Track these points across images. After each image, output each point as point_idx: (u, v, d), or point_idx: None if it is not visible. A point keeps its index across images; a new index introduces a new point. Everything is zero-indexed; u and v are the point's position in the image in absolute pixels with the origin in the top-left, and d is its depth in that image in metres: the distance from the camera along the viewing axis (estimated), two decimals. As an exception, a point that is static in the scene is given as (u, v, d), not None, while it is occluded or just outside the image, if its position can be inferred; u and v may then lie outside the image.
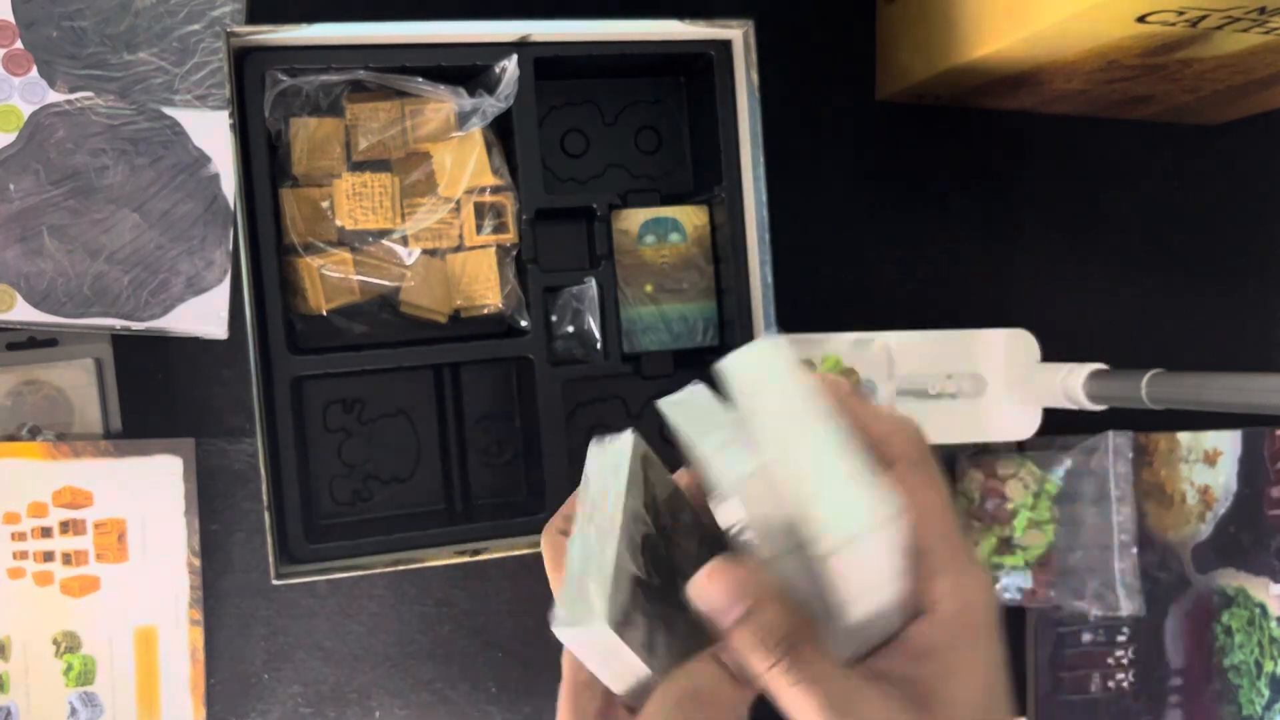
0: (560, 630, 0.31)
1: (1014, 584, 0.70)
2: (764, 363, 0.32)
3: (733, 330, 0.62)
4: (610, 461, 0.36)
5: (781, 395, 0.32)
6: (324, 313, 0.59)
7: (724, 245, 0.62)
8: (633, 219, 0.63)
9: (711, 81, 0.61)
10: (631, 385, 0.65)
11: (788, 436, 0.31)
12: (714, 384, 0.34)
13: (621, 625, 0.31)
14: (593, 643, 0.31)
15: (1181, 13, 0.52)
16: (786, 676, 0.31)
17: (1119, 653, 0.74)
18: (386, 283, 0.59)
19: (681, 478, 0.37)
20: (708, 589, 0.31)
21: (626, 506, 0.33)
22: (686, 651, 0.33)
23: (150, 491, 0.61)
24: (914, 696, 0.31)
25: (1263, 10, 0.52)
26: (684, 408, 0.34)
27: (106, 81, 0.59)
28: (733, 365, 0.32)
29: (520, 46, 0.58)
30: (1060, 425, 0.70)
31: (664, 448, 0.38)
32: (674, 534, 0.35)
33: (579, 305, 0.62)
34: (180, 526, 0.61)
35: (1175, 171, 0.77)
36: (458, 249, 0.60)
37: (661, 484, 0.36)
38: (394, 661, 0.65)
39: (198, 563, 0.62)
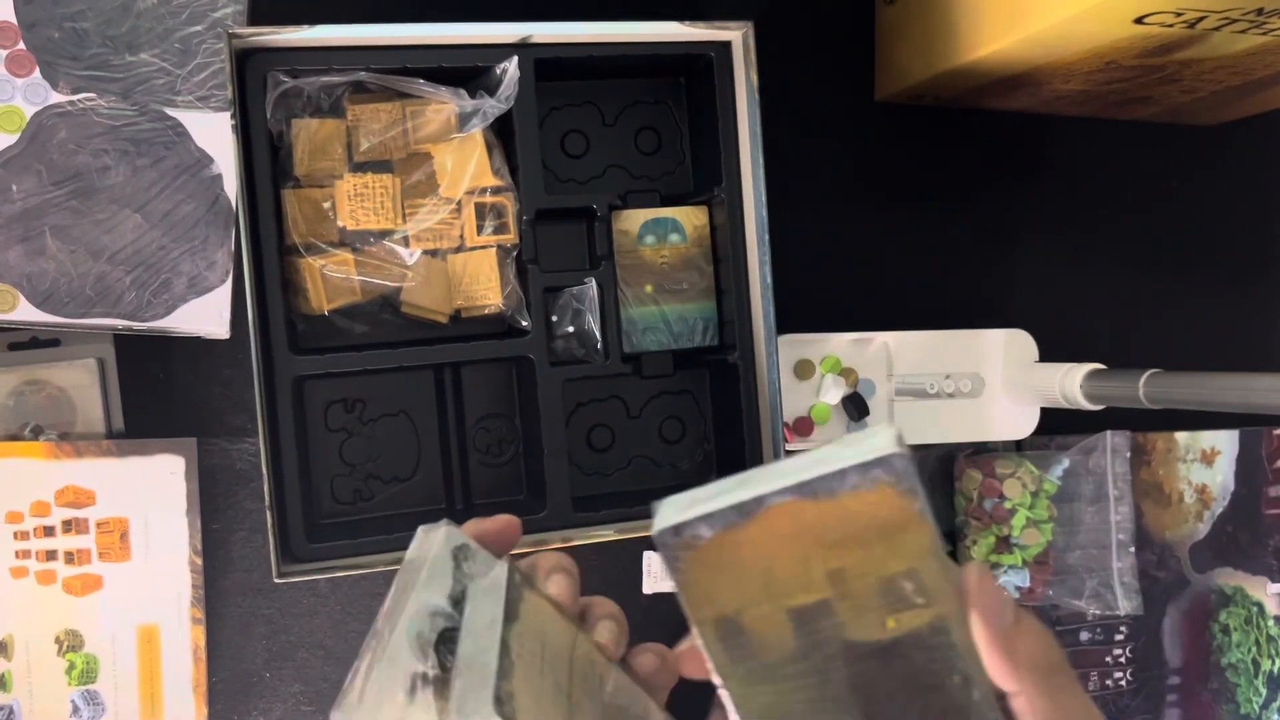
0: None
1: (1012, 583, 0.70)
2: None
3: (732, 330, 0.62)
4: (416, 557, 0.35)
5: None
6: (325, 313, 0.59)
7: (724, 245, 0.62)
8: (633, 219, 0.63)
9: (711, 82, 0.61)
10: (631, 385, 0.66)
11: None
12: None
13: None
14: None
15: (1179, 14, 0.52)
16: (1061, 678, 0.33)
17: (1117, 651, 0.74)
18: (388, 283, 0.59)
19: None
20: (979, 583, 0.32)
21: (417, 604, 0.33)
22: None
23: (152, 491, 0.61)
24: None
25: (1260, 11, 0.52)
26: None
27: (108, 82, 0.59)
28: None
29: (521, 48, 0.58)
30: (1058, 425, 0.70)
31: (665, 447, 0.38)
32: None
33: (579, 305, 0.62)
34: (182, 525, 0.62)
35: (1173, 172, 0.77)
36: (458, 249, 0.60)
37: (482, 575, 0.35)
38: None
39: (200, 562, 0.62)
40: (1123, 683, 0.74)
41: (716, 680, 0.33)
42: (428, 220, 0.59)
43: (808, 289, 0.68)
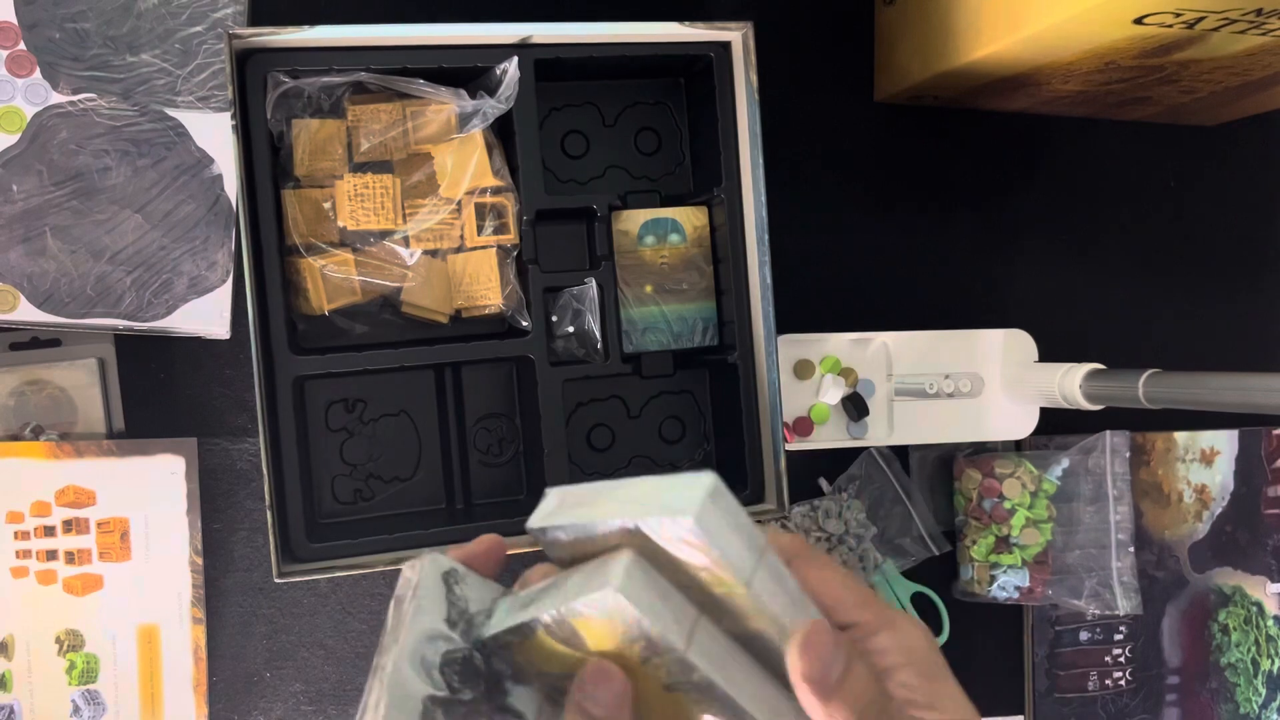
0: None
1: (1011, 583, 0.70)
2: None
3: (732, 330, 0.62)
4: (406, 587, 0.36)
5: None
6: (326, 313, 0.59)
7: (724, 245, 0.62)
8: (633, 220, 0.63)
9: (711, 83, 0.61)
10: (631, 385, 0.66)
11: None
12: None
13: None
14: None
15: (1179, 14, 0.52)
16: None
17: (1116, 651, 0.74)
18: (388, 283, 0.59)
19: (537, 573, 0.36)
20: (807, 654, 0.31)
21: (414, 630, 0.33)
22: None
23: (153, 491, 0.61)
24: None
25: (1260, 12, 0.52)
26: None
27: (109, 83, 0.59)
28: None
29: (521, 48, 0.58)
30: (1058, 425, 0.71)
31: (664, 448, 0.39)
32: (508, 639, 0.34)
33: (579, 305, 0.62)
34: (183, 525, 0.62)
35: (1173, 172, 0.77)
36: (459, 249, 0.60)
37: (477, 597, 0.35)
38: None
39: (200, 561, 0.62)
40: (1122, 682, 0.74)
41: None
42: (428, 220, 0.59)
43: (808, 289, 0.68)
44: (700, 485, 0.30)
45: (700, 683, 0.31)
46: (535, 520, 0.35)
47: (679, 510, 0.29)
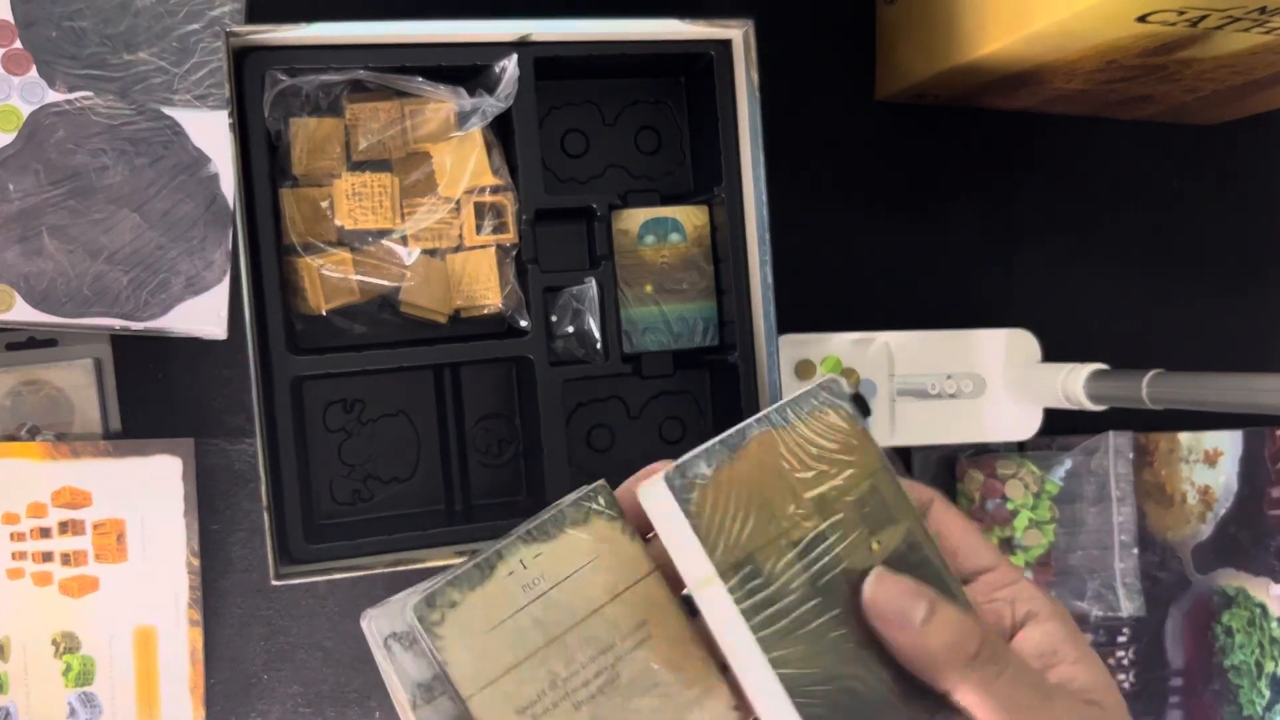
0: None
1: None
2: None
3: (732, 330, 0.62)
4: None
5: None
6: (324, 313, 0.59)
7: (724, 245, 0.62)
8: (633, 219, 0.63)
9: (711, 81, 0.61)
10: (631, 385, 0.65)
11: None
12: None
13: None
14: None
15: (1182, 13, 0.52)
16: (988, 669, 0.31)
17: (1119, 653, 0.74)
18: (386, 283, 0.59)
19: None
20: (881, 593, 0.32)
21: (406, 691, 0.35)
22: None
23: (150, 491, 0.61)
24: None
25: (1263, 10, 0.52)
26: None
27: (106, 81, 0.59)
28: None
29: (520, 46, 0.58)
30: (1060, 425, 0.70)
31: (664, 448, 0.39)
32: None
33: (579, 305, 0.62)
34: (180, 527, 0.61)
35: (1175, 171, 0.77)
36: (458, 249, 0.60)
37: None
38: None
39: (197, 563, 0.62)
40: (1125, 684, 0.74)
41: (731, 648, 0.34)
42: (426, 220, 0.59)
43: (808, 289, 0.68)
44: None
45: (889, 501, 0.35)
46: (675, 463, 0.35)
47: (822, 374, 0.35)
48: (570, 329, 0.62)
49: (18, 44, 0.58)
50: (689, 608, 0.36)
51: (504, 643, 0.34)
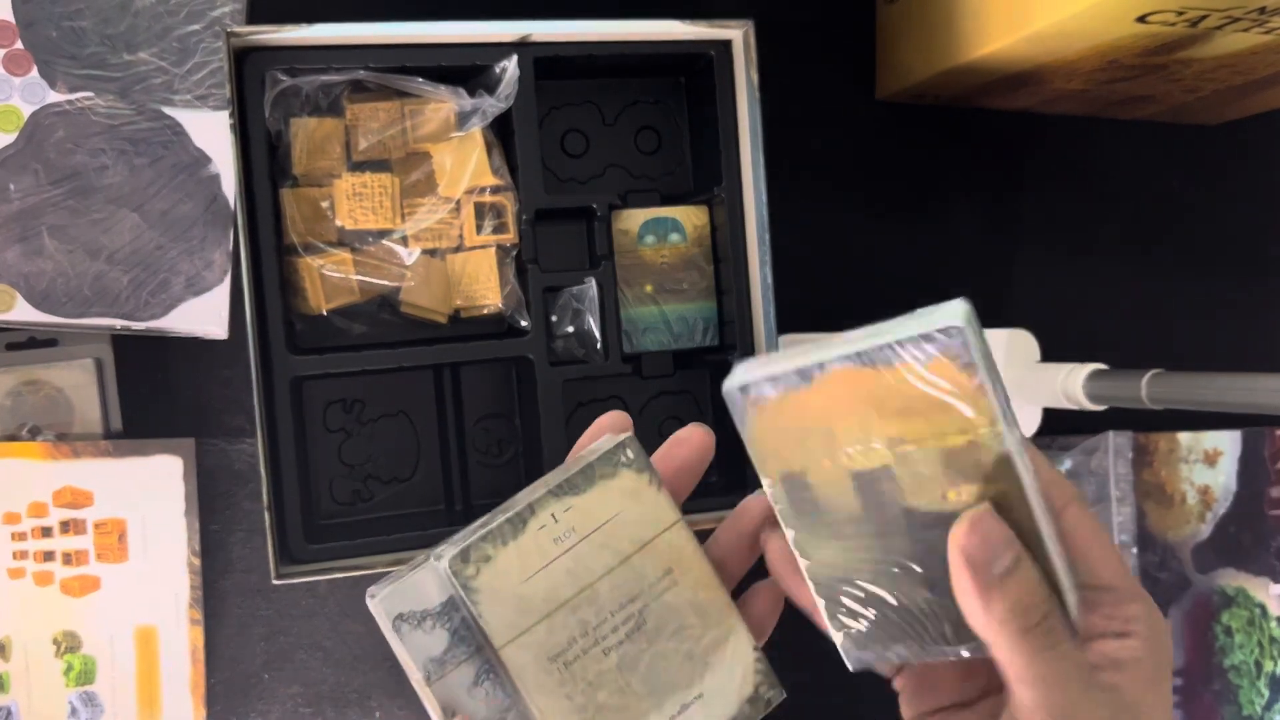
0: None
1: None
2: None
3: (733, 330, 0.62)
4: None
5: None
6: (324, 313, 0.59)
7: (724, 245, 0.62)
8: (633, 219, 0.63)
9: (711, 81, 0.61)
10: (631, 385, 0.65)
11: None
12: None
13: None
14: None
15: (1181, 13, 0.52)
16: (1040, 639, 0.31)
17: (1119, 653, 0.74)
18: (386, 283, 0.59)
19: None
20: (977, 533, 0.31)
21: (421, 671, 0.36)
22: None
23: (150, 491, 0.61)
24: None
25: (1263, 10, 0.52)
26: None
27: (106, 81, 0.59)
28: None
29: (520, 46, 0.58)
30: (1060, 425, 0.70)
31: (657, 441, 0.39)
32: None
33: (579, 305, 0.62)
34: (180, 526, 0.61)
35: (1175, 171, 0.77)
36: (458, 249, 0.60)
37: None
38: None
39: (198, 562, 0.62)
40: (1125, 684, 0.74)
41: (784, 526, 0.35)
42: (427, 220, 0.59)
43: (808, 289, 0.68)
44: (954, 307, 0.29)
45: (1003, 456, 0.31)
46: (739, 376, 0.34)
47: (944, 318, 0.29)
48: (570, 329, 0.62)
49: (18, 44, 0.58)
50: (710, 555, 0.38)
51: (536, 594, 0.35)
